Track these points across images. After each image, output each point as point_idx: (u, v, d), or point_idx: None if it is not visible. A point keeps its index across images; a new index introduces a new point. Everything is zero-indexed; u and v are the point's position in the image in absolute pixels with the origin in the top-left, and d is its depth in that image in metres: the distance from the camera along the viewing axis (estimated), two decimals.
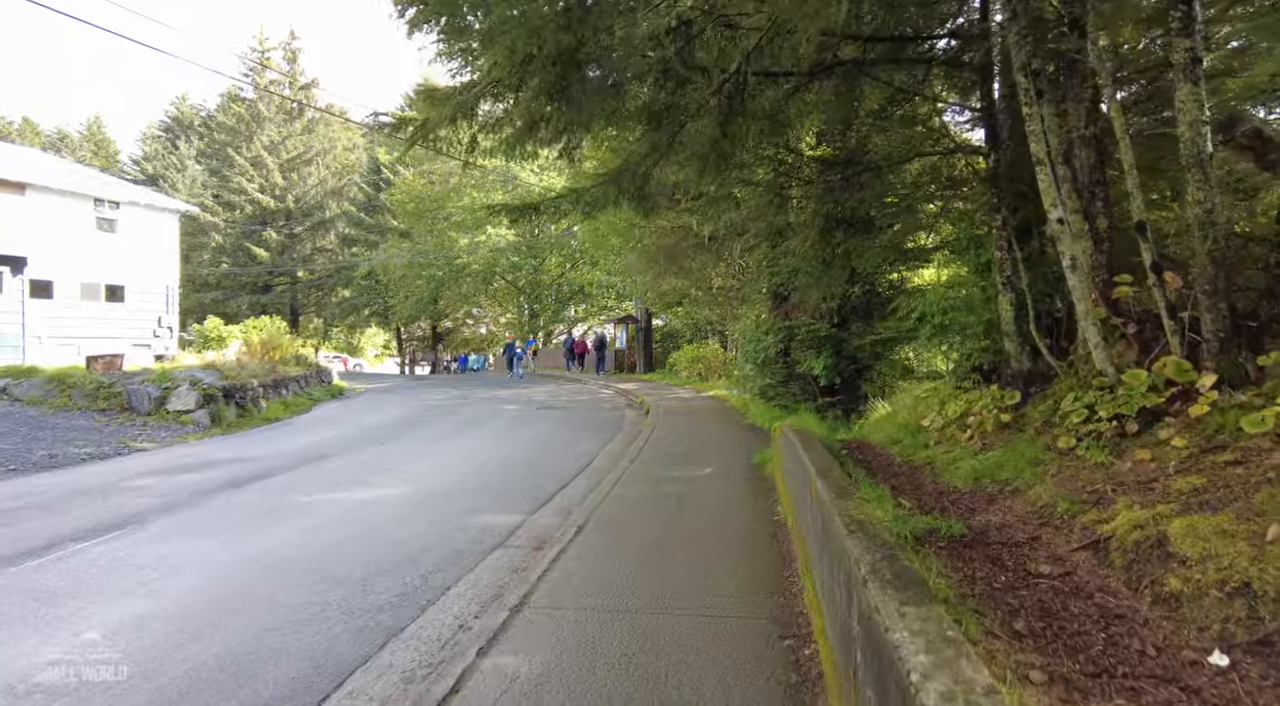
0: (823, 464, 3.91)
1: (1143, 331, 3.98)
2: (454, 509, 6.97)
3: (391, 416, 15.52)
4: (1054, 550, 2.60)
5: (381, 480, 8.47)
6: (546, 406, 16.51)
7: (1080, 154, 4.33)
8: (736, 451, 9.14)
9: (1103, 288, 4.12)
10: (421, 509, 7.01)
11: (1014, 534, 2.88)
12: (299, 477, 8.93)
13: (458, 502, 7.20)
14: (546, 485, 7.80)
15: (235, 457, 10.50)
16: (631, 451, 9.52)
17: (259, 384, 16.25)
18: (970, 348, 5.31)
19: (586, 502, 6.70)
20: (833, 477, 3.57)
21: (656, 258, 11.82)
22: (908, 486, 4.22)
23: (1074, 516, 2.84)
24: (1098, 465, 3.31)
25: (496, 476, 8.48)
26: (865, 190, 6.57)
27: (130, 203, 24.93)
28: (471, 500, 7.30)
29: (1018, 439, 4.30)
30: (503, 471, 8.78)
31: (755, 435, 10.61)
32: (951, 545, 2.80)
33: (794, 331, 11.30)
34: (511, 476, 8.44)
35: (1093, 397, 3.73)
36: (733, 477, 7.38)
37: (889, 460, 5.19)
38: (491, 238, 30.27)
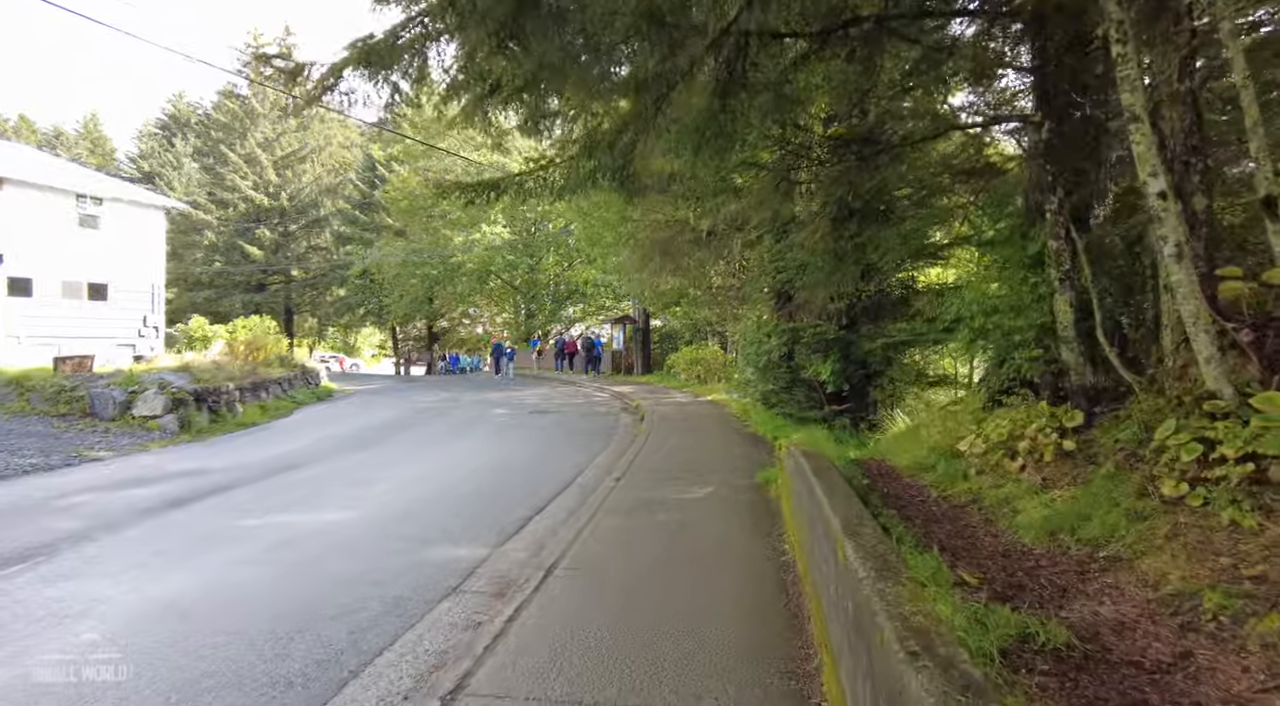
0: (848, 513, 2.96)
1: (1261, 340, 3.04)
2: (414, 536, 6.03)
3: (373, 422, 14.59)
4: (1230, 687, 1.68)
5: (343, 498, 7.53)
6: (538, 411, 15.57)
7: (1169, 115, 3.39)
8: (737, 467, 8.19)
9: (1201, 283, 3.17)
10: (377, 536, 6.08)
11: (1147, 647, 1.95)
12: (254, 494, 8.00)
13: (420, 528, 6.26)
14: (522, 508, 6.85)
15: (194, 470, 9.56)
16: (622, 465, 8.57)
17: (235, 387, 15.31)
18: (1020, 357, 4.38)
19: (564, 532, 5.75)
20: (865, 538, 2.61)
21: (651, 254, 10.89)
22: (958, 540, 3.28)
23: (1237, 620, 1.91)
24: (1235, 527, 2.38)
25: (469, 495, 7.53)
26: (885, 172, 5.62)
27: (114, 199, 23.99)
28: (436, 525, 6.35)
29: (1092, 475, 3.35)
30: (477, 489, 7.84)
31: (757, 447, 9.65)
32: (1060, 668, 1.86)
33: (799, 334, 10.35)
34: (485, 496, 7.49)
35: (1205, 427, 2.79)
36: (732, 501, 6.43)
37: (922, 494, 4.25)
38: (486, 236, 29.30)
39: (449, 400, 18.60)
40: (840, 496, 3.31)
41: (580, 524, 5.83)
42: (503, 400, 18.08)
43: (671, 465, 8.40)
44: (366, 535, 6.13)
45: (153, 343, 25.23)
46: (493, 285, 32.90)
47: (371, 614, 4.34)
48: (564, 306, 32.90)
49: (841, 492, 3.42)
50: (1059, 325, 4.24)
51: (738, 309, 13.95)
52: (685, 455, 9.09)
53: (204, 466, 9.78)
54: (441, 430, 12.95)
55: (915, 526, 3.49)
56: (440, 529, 6.26)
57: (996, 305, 4.52)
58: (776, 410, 11.18)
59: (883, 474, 5.03)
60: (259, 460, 10.25)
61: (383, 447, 11.23)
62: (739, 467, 8.11)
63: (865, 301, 10.49)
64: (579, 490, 7.53)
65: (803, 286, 6.80)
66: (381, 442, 11.74)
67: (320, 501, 7.51)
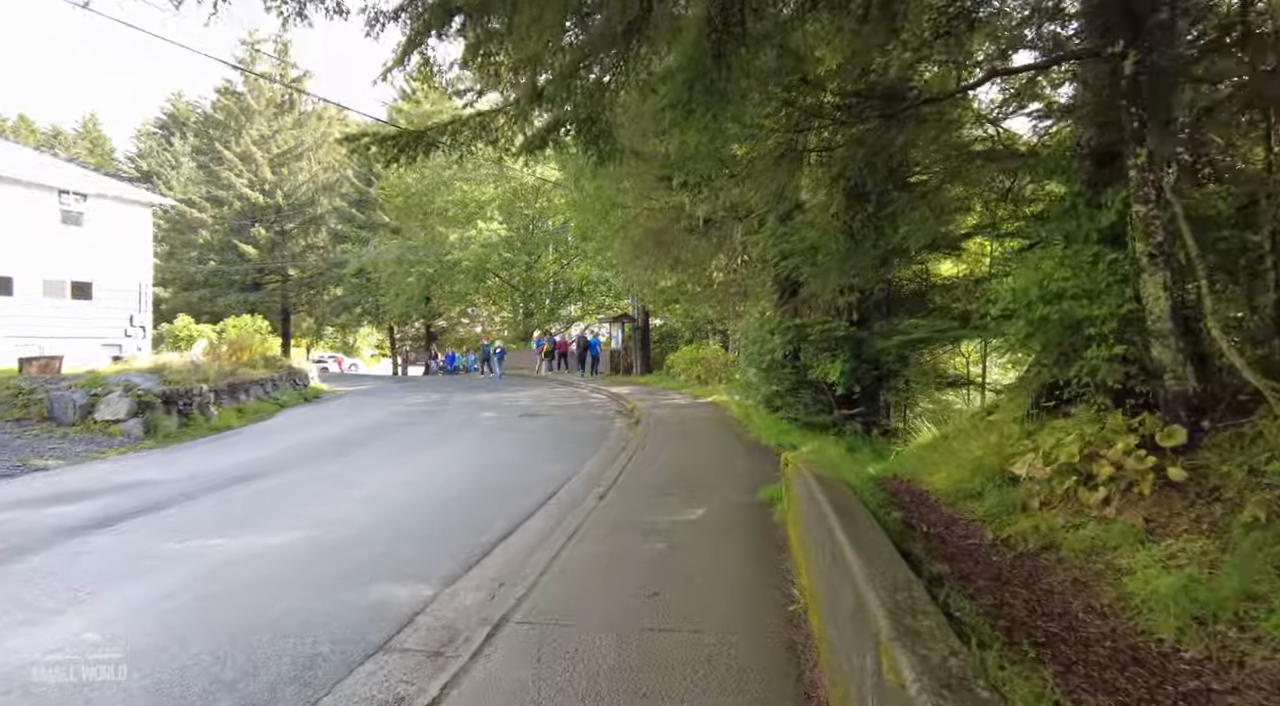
0: (891, 587, 1.99)
1: None
2: (357, 567, 5.07)
3: (355, 425, 13.64)
4: None
5: (293, 517, 6.58)
6: (529, 414, 14.60)
7: None
8: (738, 481, 7.21)
9: None
10: (315, 565, 5.13)
11: None
12: (198, 510, 7.08)
13: (370, 555, 5.31)
14: (491, 530, 5.87)
15: (143, 481, 8.63)
16: (609, 476, 7.59)
17: (210, 388, 14.37)
18: (1095, 356, 3.41)
19: (530, 564, 4.78)
20: (927, 642, 1.64)
21: (644, 246, 9.88)
22: (1049, 623, 2.30)
23: None
24: None
25: (435, 513, 6.56)
26: (912, 133, 4.65)
27: (98, 195, 23.12)
28: (389, 552, 5.40)
29: (1228, 522, 2.38)
30: (445, 506, 6.86)
31: (760, 457, 8.66)
32: None
33: (805, 331, 9.36)
34: (453, 514, 6.52)
35: None
36: (731, 525, 5.44)
37: (972, 534, 3.26)
38: (482, 233, 28.33)
39: (439, 402, 17.65)
40: (875, 554, 2.35)
41: (550, 554, 4.86)
42: (494, 402, 17.12)
43: (664, 479, 7.42)
44: (306, 563, 5.19)
45: (139, 343, 24.36)
46: (490, 284, 31.94)
47: (268, 681, 3.37)
48: (562, 305, 31.87)
49: (875, 547, 2.45)
50: (1149, 314, 3.26)
51: (739, 305, 12.96)
52: (680, 466, 8.11)
53: (156, 477, 8.84)
54: (424, 435, 11.99)
55: (980, 594, 2.52)
56: (393, 556, 5.31)
57: (1061, 290, 3.53)
58: (781, 414, 10.19)
59: (916, 500, 4.06)
60: (218, 469, 9.31)
61: (356, 455, 10.28)
62: (740, 482, 7.12)
63: (878, 295, 9.51)
64: (557, 508, 6.55)
65: (812, 274, 5.84)
66: (357, 449, 10.79)
67: (268, 520, 6.56)
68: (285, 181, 38.23)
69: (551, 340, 29.58)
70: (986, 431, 4.77)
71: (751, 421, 11.06)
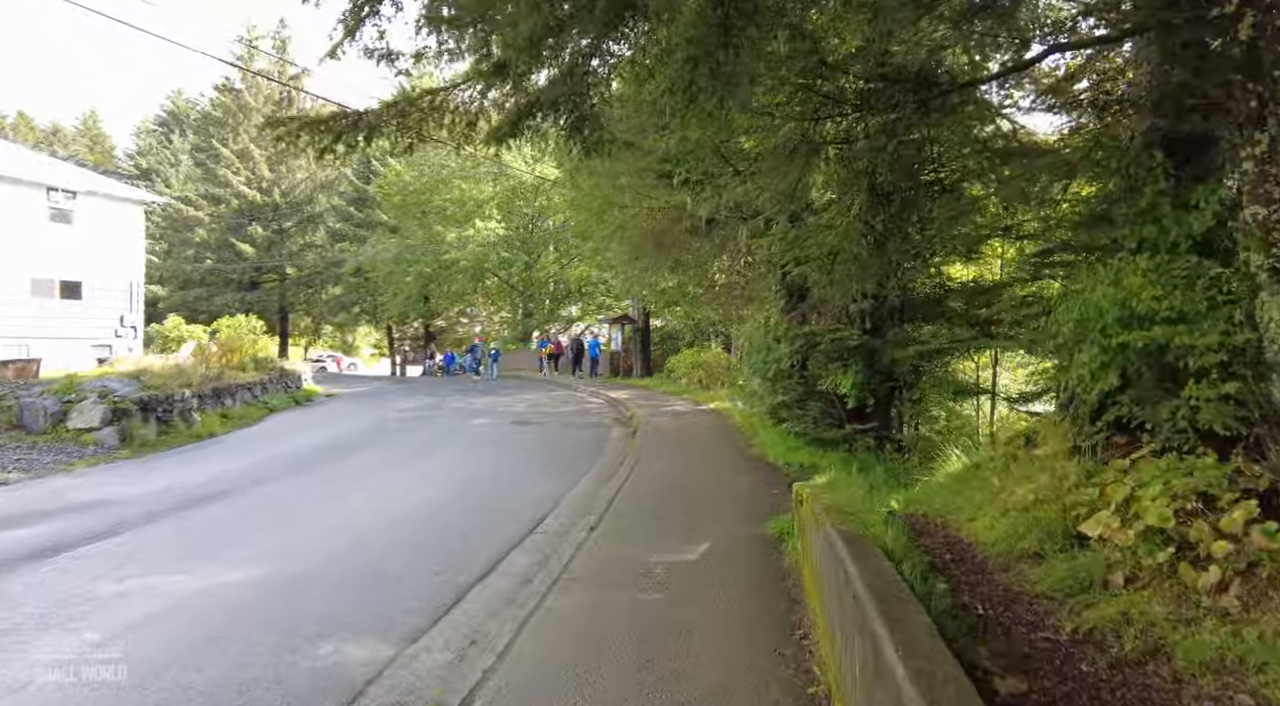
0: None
1: None
2: (314, 613, 4.43)
3: (340, 433, 13.02)
4: None
5: (250, 547, 5.94)
6: (523, 421, 13.95)
7: None
8: (743, 508, 6.54)
9: None
10: (268, 611, 4.51)
11: None
12: (154, 536, 6.46)
13: (326, 601, 4.66)
14: (464, 573, 5.20)
15: (103, 499, 7.99)
16: (603, 499, 6.94)
17: (193, 393, 13.74)
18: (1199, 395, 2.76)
19: (507, 618, 4.13)
20: None
21: (643, 247, 9.20)
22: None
23: None
24: None
25: (407, 545, 5.90)
26: (947, 123, 4.00)
27: (88, 192, 22.48)
28: (349, 596, 4.75)
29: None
30: (419, 535, 6.21)
31: (766, 476, 8.00)
32: None
33: (814, 340, 8.69)
34: (427, 546, 5.86)
35: None
36: (737, 569, 4.78)
37: (1046, 628, 2.57)
38: (480, 232, 27.65)
39: (430, 406, 17.01)
40: (929, 665, 1.70)
41: (530, 605, 4.20)
42: (487, 407, 16.48)
43: (661, 504, 6.76)
44: (258, 609, 4.57)
45: (130, 343, 23.73)
46: (489, 283, 31.26)
47: None
48: (562, 305, 31.17)
49: (929, 655, 1.81)
50: (1269, 345, 2.60)
51: (743, 309, 12.28)
52: (679, 489, 7.44)
53: (119, 494, 8.21)
54: (409, 445, 11.34)
55: None
56: (356, 600, 4.67)
57: (1151, 312, 2.86)
58: (787, 426, 9.52)
59: (957, 558, 3.39)
60: (187, 485, 8.68)
61: (335, 468, 9.64)
62: (745, 510, 6.46)
63: (893, 301, 8.83)
64: (544, 540, 5.89)
65: (833, 280, 5.18)
66: (336, 461, 10.15)
67: (225, 549, 5.93)
68: (283, 179, 37.59)
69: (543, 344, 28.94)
70: (1031, 467, 4.10)
71: (756, 433, 10.40)
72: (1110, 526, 2.80)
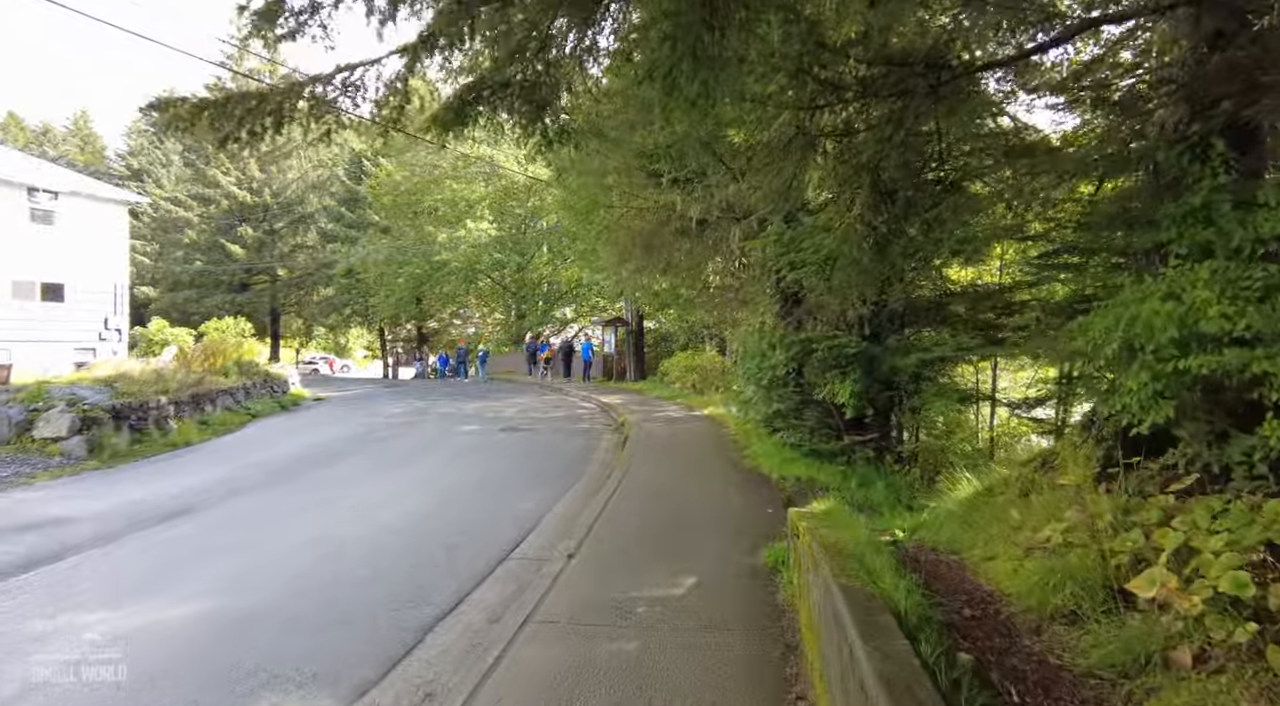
0: None
1: None
2: (248, 666, 3.94)
3: (322, 441, 12.53)
4: None
5: (198, 578, 5.46)
6: (511, 427, 13.47)
7: None
8: (736, 530, 6.07)
9: None
10: (208, 656, 4.05)
11: None
12: (97, 563, 5.99)
13: (272, 642, 4.18)
14: (427, 607, 4.73)
15: (61, 516, 7.50)
16: (585, 520, 6.46)
17: (169, 400, 13.23)
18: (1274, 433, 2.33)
19: (467, 670, 3.66)
20: None
21: (631, 249, 8.73)
22: None
23: None
24: None
25: (369, 574, 5.42)
26: (960, 112, 3.54)
27: (71, 192, 21.91)
28: (297, 637, 4.27)
29: None
30: (384, 560, 5.72)
31: (761, 494, 7.53)
32: None
33: (811, 347, 8.23)
34: (390, 575, 5.37)
35: None
36: (728, 609, 4.31)
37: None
38: (472, 232, 27.13)
39: (418, 411, 16.52)
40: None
41: (490, 660, 3.72)
42: (476, 413, 15.98)
43: (649, 525, 6.28)
44: (197, 654, 4.11)
45: (115, 346, 23.18)
46: (482, 285, 30.74)
47: None
48: (555, 307, 30.66)
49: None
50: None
51: (736, 313, 11.82)
52: (668, 507, 6.97)
53: (76, 511, 7.71)
54: (391, 454, 10.85)
55: None
56: (303, 642, 4.19)
57: (1222, 332, 2.39)
58: (782, 436, 9.06)
59: (977, 612, 2.93)
60: (152, 499, 8.20)
61: (312, 479, 9.16)
62: (738, 532, 5.99)
63: (893, 306, 8.38)
64: (517, 569, 5.41)
65: (831, 287, 4.72)
66: (314, 471, 9.67)
67: (174, 578, 5.45)
68: (274, 180, 37.01)
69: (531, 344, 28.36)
70: (1053, 497, 3.64)
71: (749, 443, 9.94)
72: (1166, 586, 2.34)
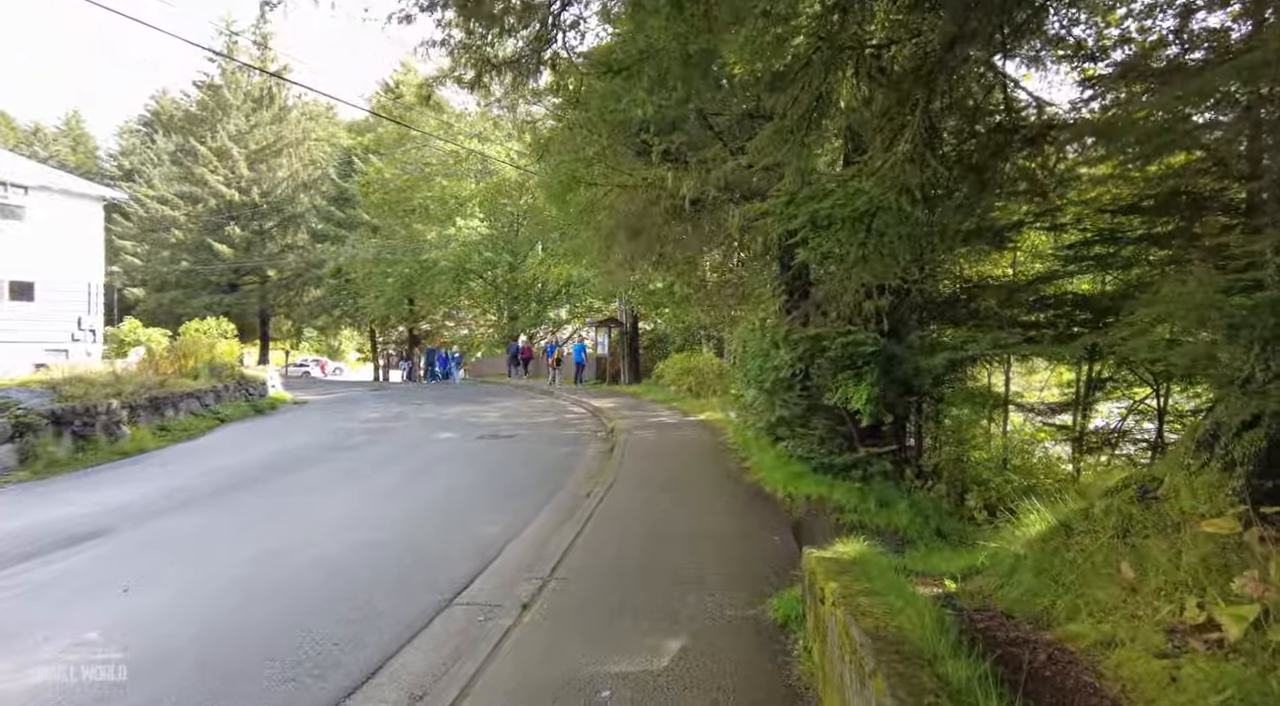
0: None
1: None
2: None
3: (286, 447, 11.39)
4: None
5: (80, 622, 4.31)
6: (492, 435, 12.32)
7: None
8: (735, 572, 4.92)
9: None
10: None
11: None
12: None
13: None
14: (336, 676, 3.58)
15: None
16: (555, 551, 5.33)
17: (122, 404, 12.09)
18: None
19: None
20: None
21: (616, 236, 7.61)
22: None
23: None
24: None
25: (280, 627, 4.26)
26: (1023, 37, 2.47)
27: (41, 187, 20.78)
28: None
29: None
30: (306, 608, 4.56)
31: (766, 518, 6.39)
32: None
33: (821, 344, 7.11)
34: (300, 631, 4.21)
35: None
36: (724, 683, 3.17)
37: None
38: (462, 230, 25.96)
39: (395, 417, 15.37)
40: None
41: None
42: (457, 418, 14.83)
43: (629, 560, 5.14)
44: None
45: (89, 347, 22.02)
46: (474, 285, 29.56)
47: None
48: (548, 308, 29.45)
49: None
50: None
51: (735, 310, 10.69)
52: (655, 533, 5.83)
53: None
54: (354, 465, 9.69)
55: None
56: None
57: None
58: (787, 446, 7.93)
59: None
60: (68, 519, 7.05)
61: (258, 494, 8.01)
62: (739, 571, 4.84)
63: (915, 298, 7.28)
64: (461, 621, 4.26)
65: (866, 254, 3.56)
66: (265, 483, 8.52)
67: (44, 627, 4.31)
68: (264, 178, 35.83)
69: (515, 347, 27.35)
70: (1176, 545, 2.53)
71: (750, 453, 8.80)
72: None
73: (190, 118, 37.18)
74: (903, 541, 5.66)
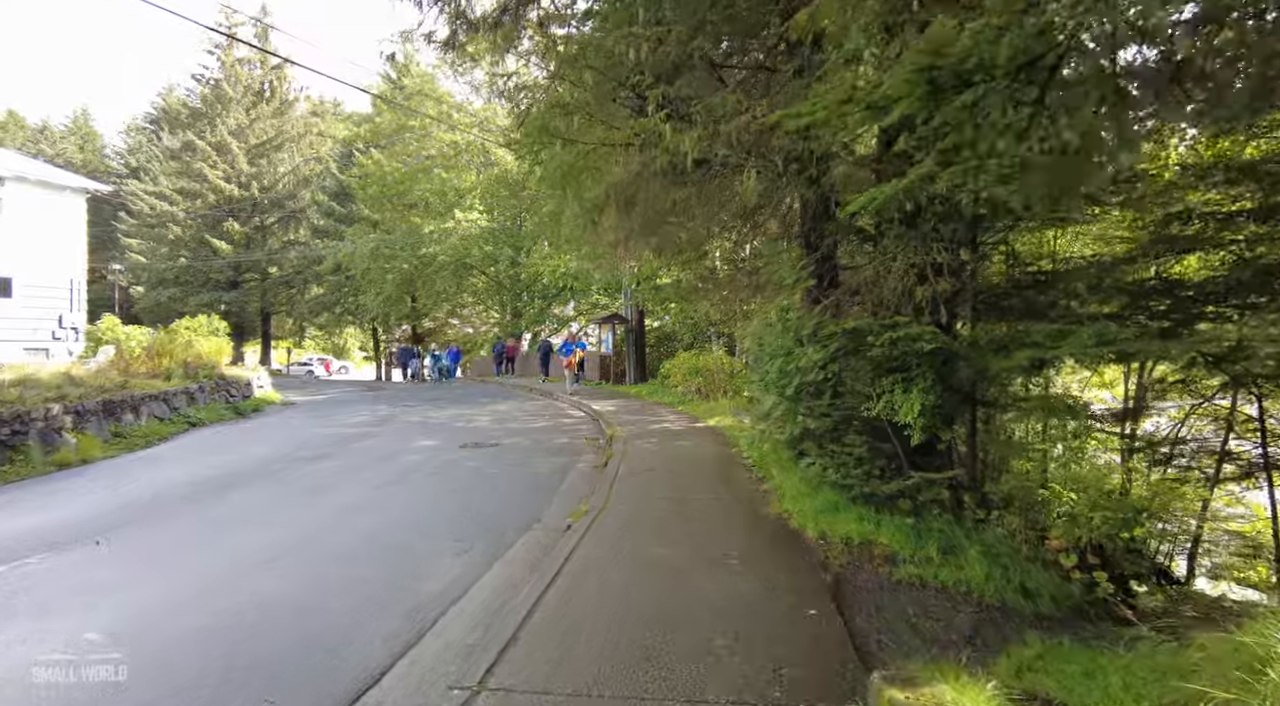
0: None
1: None
2: None
3: (244, 457, 10.00)
4: None
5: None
6: (476, 443, 10.84)
7: None
8: (755, 670, 3.37)
9: None
10: None
11: None
12: None
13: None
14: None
15: None
16: (513, 618, 3.81)
17: (65, 409, 10.74)
18: None
19: None
20: None
21: (605, 208, 6.07)
22: None
23: None
24: None
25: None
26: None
27: (18, 178, 19.56)
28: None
29: None
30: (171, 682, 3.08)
31: (793, 572, 4.81)
32: None
33: (861, 339, 5.53)
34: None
35: None
36: None
37: None
38: (461, 224, 24.54)
39: (380, 421, 13.94)
40: None
41: None
42: (445, 423, 13.36)
43: (609, 642, 3.60)
44: None
45: (71, 346, 20.82)
46: (476, 281, 28.12)
47: None
48: (552, 304, 27.93)
49: None
50: None
51: (748, 302, 9.12)
52: (647, 608, 4.27)
53: None
54: (309, 481, 8.23)
55: None
56: None
57: None
58: (816, 468, 6.35)
59: None
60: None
61: (179, 521, 6.56)
62: (760, 669, 3.29)
63: (975, 283, 5.70)
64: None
65: (982, 165, 2.06)
66: (195, 504, 7.08)
67: None
68: (264, 174, 34.62)
69: (501, 345, 26.09)
70: None
71: (769, 472, 7.24)
72: None
73: (194, 113, 36.04)
74: (979, 609, 4.08)
